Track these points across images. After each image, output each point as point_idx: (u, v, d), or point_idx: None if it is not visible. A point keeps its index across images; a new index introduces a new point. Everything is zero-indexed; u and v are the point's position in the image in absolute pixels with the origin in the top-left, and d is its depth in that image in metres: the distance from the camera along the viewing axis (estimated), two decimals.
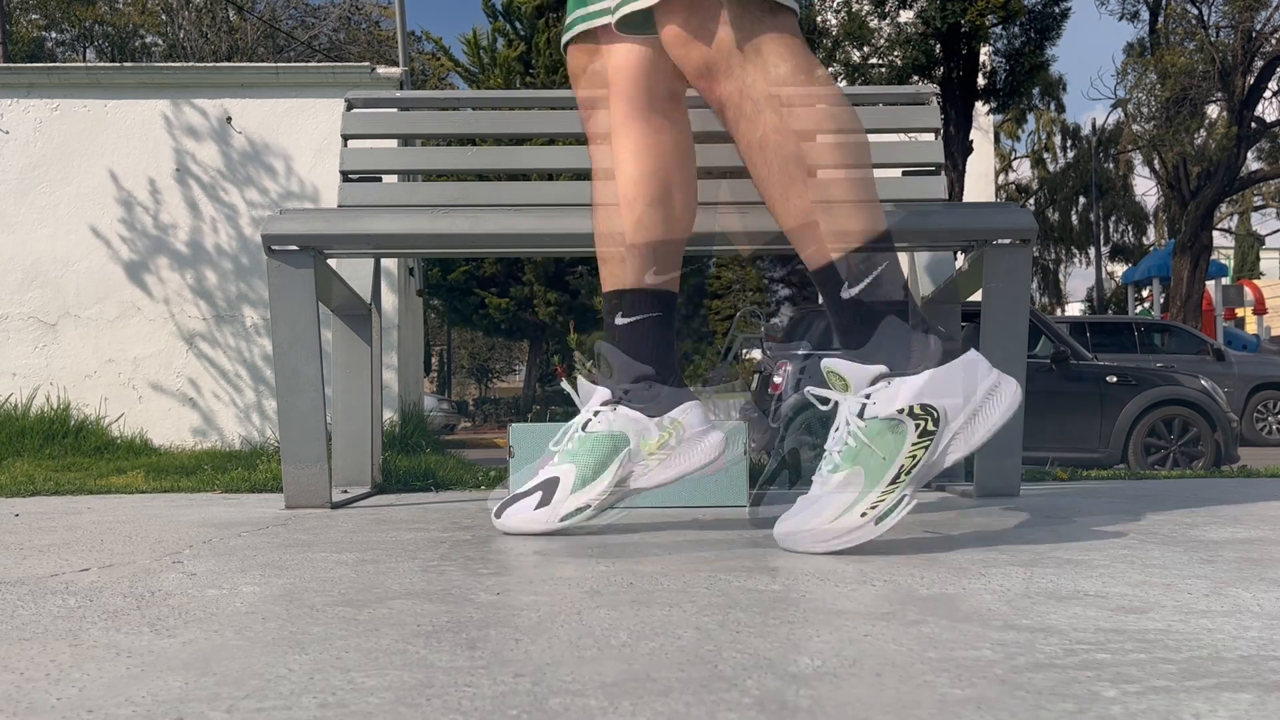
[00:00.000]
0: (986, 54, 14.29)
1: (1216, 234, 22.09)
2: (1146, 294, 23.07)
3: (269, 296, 1.97)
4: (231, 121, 6.14)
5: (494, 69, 18.76)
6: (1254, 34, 15.65)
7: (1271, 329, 23.98)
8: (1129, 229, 36.24)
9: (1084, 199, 34.16)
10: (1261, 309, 22.28)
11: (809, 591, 1.00)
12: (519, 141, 2.62)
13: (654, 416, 1.50)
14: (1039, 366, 6.90)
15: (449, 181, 2.46)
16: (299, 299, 1.93)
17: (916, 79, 13.52)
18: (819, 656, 0.74)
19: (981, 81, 13.99)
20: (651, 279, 1.53)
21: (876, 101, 2.54)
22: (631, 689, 0.67)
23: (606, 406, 1.51)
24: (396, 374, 6.21)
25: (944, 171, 2.40)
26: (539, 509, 1.48)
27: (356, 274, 2.38)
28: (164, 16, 25.03)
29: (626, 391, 1.51)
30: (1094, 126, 33.84)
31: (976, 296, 2.12)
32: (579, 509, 1.48)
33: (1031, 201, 34.51)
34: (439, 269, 17.94)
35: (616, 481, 1.47)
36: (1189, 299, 16.02)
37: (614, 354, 1.53)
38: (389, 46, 25.10)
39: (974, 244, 2.01)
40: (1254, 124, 16.21)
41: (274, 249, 1.92)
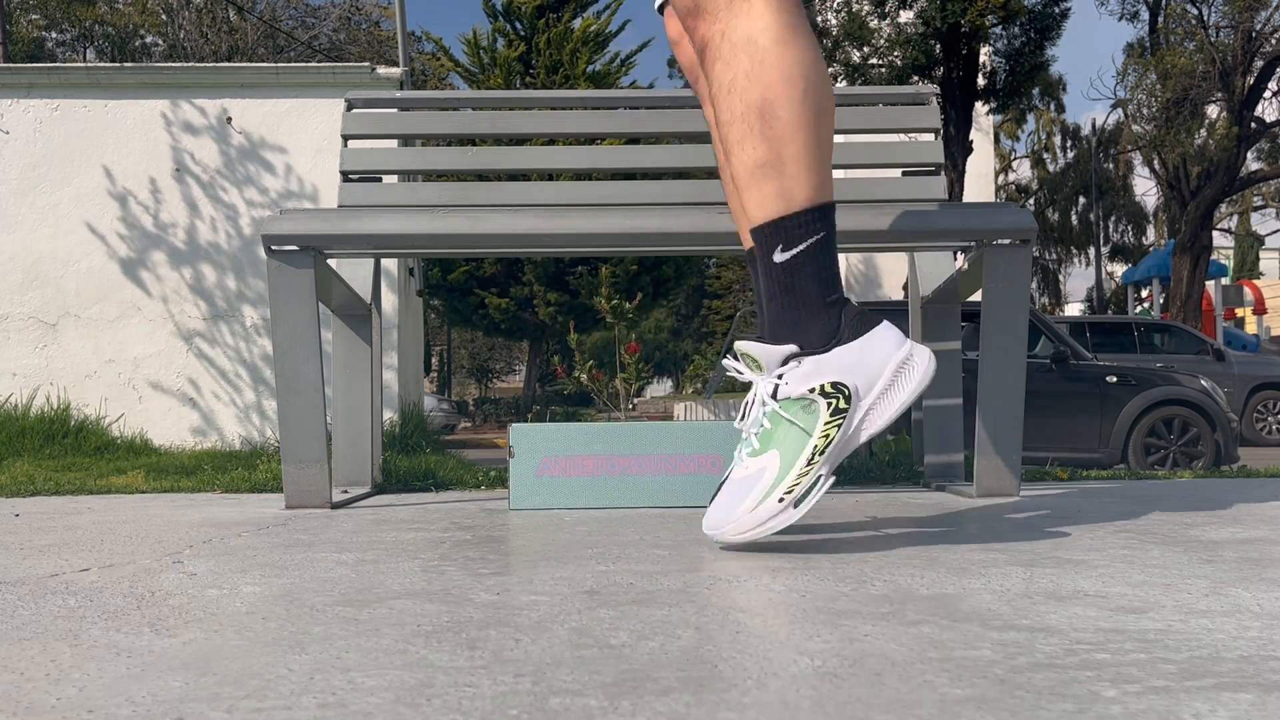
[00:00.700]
0: (986, 54, 14.29)
1: (1216, 234, 22.12)
2: (1146, 294, 23.08)
3: (269, 296, 1.97)
4: (231, 121, 6.14)
5: (494, 69, 18.79)
6: (1254, 34, 15.65)
7: (1271, 329, 24.00)
8: (1129, 229, 36.24)
9: (1084, 199, 34.17)
10: (1261, 309, 22.30)
11: (809, 591, 1.00)
12: (519, 141, 2.62)
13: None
14: (1039, 366, 6.91)
15: (449, 182, 2.47)
16: (299, 299, 1.93)
17: (916, 79, 13.52)
18: (819, 656, 0.74)
19: (981, 81, 13.99)
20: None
21: (876, 101, 2.55)
22: (631, 689, 0.67)
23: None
24: (396, 374, 6.22)
25: (944, 172, 2.40)
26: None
27: (356, 274, 2.38)
28: (164, 16, 25.03)
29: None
30: (1094, 127, 33.84)
31: (976, 296, 2.12)
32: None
33: (1031, 202, 34.50)
34: (439, 269, 17.94)
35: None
36: (1189, 299, 16.02)
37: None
38: (389, 46, 25.11)
39: (974, 244, 2.01)
40: (1254, 124, 16.21)
41: (274, 249, 1.92)
